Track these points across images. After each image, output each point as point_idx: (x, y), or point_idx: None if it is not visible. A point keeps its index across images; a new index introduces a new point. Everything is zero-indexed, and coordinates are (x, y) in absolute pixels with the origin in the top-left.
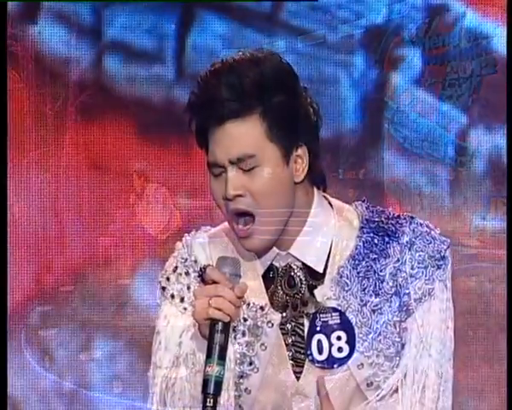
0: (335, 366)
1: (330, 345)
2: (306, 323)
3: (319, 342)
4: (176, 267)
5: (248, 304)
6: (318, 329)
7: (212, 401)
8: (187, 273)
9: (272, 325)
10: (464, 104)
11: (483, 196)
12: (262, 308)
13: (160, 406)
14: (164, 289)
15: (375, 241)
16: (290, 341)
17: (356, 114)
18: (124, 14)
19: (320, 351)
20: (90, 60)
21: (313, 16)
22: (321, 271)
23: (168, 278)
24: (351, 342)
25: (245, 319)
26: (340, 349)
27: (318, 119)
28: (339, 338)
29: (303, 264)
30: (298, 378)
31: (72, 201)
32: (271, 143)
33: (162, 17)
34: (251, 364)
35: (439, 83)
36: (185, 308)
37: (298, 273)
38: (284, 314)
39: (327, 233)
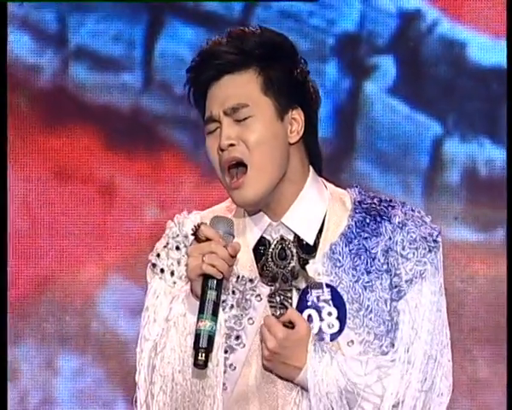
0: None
1: (321, 320)
2: (295, 296)
3: (309, 317)
4: (167, 243)
5: (238, 277)
6: (309, 304)
7: (203, 355)
8: (177, 248)
9: (261, 299)
10: (439, 112)
11: (456, 203)
12: (251, 281)
13: (147, 375)
14: (154, 265)
15: (367, 220)
16: (278, 313)
17: (328, 123)
18: (90, 20)
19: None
20: (56, 67)
21: (284, 24)
22: (311, 243)
23: (158, 255)
24: (341, 319)
25: (233, 292)
26: (330, 325)
27: (317, 94)
28: (330, 314)
29: (295, 238)
30: None
31: (39, 209)
32: (266, 98)
33: (130, 24)
34: (238, 338)
35: (413, 91)
36: (175, 282)
37: (290, 246)
38: (273, 287)
39: (320, 208)
